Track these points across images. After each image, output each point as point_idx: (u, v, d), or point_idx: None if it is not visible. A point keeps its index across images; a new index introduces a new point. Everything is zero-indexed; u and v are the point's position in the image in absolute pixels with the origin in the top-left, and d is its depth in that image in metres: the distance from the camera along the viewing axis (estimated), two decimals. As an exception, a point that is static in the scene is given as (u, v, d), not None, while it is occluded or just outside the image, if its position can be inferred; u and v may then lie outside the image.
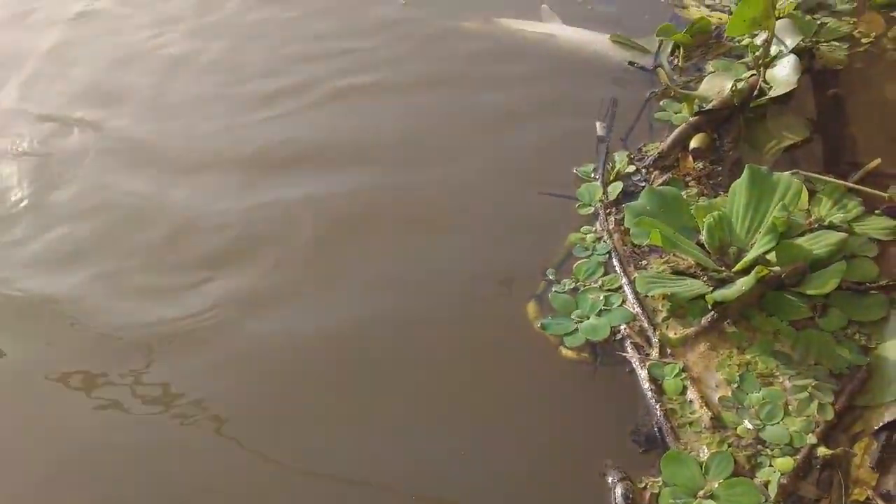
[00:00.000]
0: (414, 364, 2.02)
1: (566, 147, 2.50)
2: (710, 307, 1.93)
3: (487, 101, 2.74)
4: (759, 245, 1.96)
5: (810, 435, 1.71)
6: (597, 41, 2.83)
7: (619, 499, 1.66)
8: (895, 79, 2.50)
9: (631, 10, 2.98)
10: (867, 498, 1.62)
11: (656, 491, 1.68)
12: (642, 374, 1.88)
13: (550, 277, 2.14)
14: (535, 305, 2.10)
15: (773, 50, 2.52)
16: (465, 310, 2.12)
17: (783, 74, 2.47)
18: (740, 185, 2.09)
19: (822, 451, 1.69)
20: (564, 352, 1.98)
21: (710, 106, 2.42)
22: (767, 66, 2.48)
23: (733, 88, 2.41)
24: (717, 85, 2.48)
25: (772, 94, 2.43)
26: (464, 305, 2.13)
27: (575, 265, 2.15)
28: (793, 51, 2.51)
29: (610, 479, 1.70)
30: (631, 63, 2.73)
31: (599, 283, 2.10)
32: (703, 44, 2.73)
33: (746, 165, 2.10)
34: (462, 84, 2.84)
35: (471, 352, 2.03)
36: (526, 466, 1.79)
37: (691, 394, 1.81)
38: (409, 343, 2.06)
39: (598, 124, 2.53)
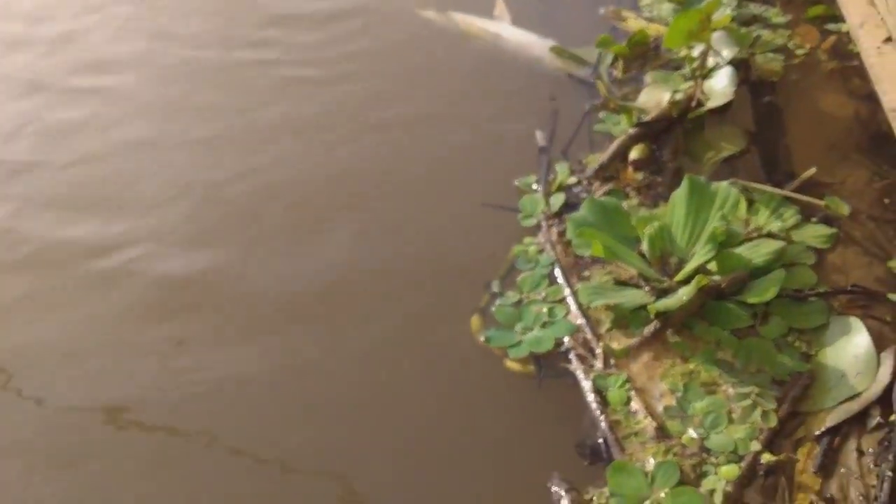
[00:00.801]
0: (356, 379, 2.00)
1: (507, 158, 2.50)
2: (652, 317, 1.95)
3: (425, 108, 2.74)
4: (700, 255, 1.99)
5: (754, 442, 1.73)
6: (540, 46, 2.86)
7: (565, 513, 1.66)
8: (830, 89, 2.56)
9: (570, 21, 3.01)
10: (811, 503, 1.65)
11: (603, 502, 1.68)
12: (587, 385, 1.89)
13: (494, 290, 2.14)
14: (479, 318, 2.10)
15: (710, 62, 2.57)
16: (408, 323, 2.11)
17: (720, 86, 2.52)
18: (680, 195, 2.12)
19: (766, 457, 1.71)
20: (509, 364, 1.99)
21: (648, 117, 2.45)
22: (705, 77, 2.53)
23: (671, 100, 2.45)
24: (655, 96, 2.52)
25: (709, 105, 2.47)
26: (406, 318, 2.12)
27: (519, 277, 2.16)
28: (729, 62, 2.56)
29: (556, 490, 1.70)
30: (570, 75, 2.76)
31: (543, 294, 2.11)
32: (642, 55, 2.77)
33: (685, 176, 2.13)
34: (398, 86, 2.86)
35: (414, 366, 2.03)
36: (471, 481, 1.78)
37: (635, 404, 1.82)
38: (350, 358, 2.04)
39: (538, 134, 2.55)
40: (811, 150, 2.39)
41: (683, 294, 1.88)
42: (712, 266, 2.00)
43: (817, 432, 1.76)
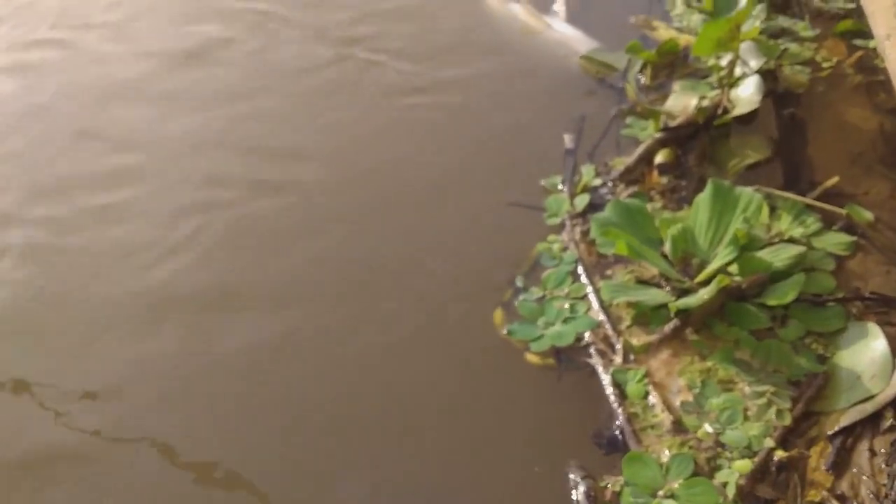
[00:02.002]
0: (382, 368, 2.07)
1: (535, 159, 2.58)
2: (672, 315, 2.01)
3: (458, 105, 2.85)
4: (721, 256, 2.05)
5: (768, 439, 1.79)
6: (587, 44, 2.95)
7: (581, 496, 1.72)
8: (855, 102, 2.62)
9: (601, 28, 3.09)
10: (822, 499, 1.70)
11: (618, 490, 1.74)
12: (606, 379, 1.95)
13: (518, 285, 2.21)
14: (502, 313, 2.17)
15: (738, 71, 2.63)
16: (434, 316, 2.18)
17: (746, 94, 2.58)
18: (704, 198, 2.19)
19: (779, 454, 1.77)
20: (530, 357, 2.05)
21: (675, 123, 2.52)
22: (731, 86, 2.59)
23: (698, 106, 2.52)
24: (682, 102, 2.59)
25: (735, 112, 2.54)
26: (432, 312, 2.19)
27: (543, 274, 2.23)
28: (756, 72, 2.63)
29: (573, 478, 1.76)
30: (600, 79, 2.83)
31: (566, 291, 2.18)
32: (670, 63, 2.84)
33: (710, 179, 2.19)
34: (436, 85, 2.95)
35: (438, 356, 2.09)
36: (491, 469, 1.85)
37: (653, 398, 1.89)
38: (377, 348, 2.11)
39: (566, 137, 2.62)
40: (835, 161, 2.45)
41: (704, 293, 1.94)
42: (733, 268, 2.07)
43: (831, 432, 1.81)
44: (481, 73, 2.97)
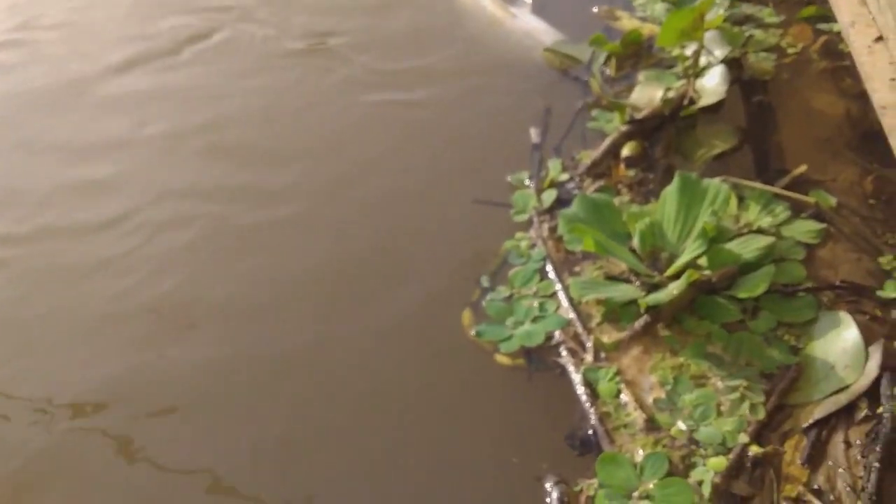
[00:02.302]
0: (346, 371, 2.03)
1: (500, 154, 2.54)
2: (643, 311, 1.98)
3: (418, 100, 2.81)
4: (690, 250, 2.03)
5: (742, 434, 1.77)
6: (551, 35, 2.92)
7: (554, 502, 1.69)
8: (821, 88, 2.61)
9: (563, 19, 3.05)
10: (798, 494, 1.68)
11: (592, 493, 1.72)
12: (577, 378, 1.92)
13: (485, 285, 2.18)
14: (471, 313, 2.14)
15: (703, 61, 2.61)
16: (401, 318, 2.14)
17: (712, 84, 2.56)
18: (671, 191, 2.16)
19: (754, 449, 1.75)
20: (500, 358, 2.02)
21: (641, 115, 2.49)
22: (697, 76, 2.57)
23: (664, 98, 2.49)
24: (647, 94, 2.57)
25: (701, 103, 2.52)
26: (399, 314, 2.15)
27: (511, 272, 2.19)
28: (722, 61, 2.61)
29: (546, 484, 1.73)
30: (564, 72, 2.80)
31: (534, 289, 2.14)
32: (635, 54, 2.81)
33: (676, 172, 2.17)
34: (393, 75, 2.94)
35: (406, 360, 2.06)
36: (462, 472, 1.82)
37: (625, 396, 1.86)
38: (341, 350, 2.07)
39: (532, 131, 2.59)
40: (803, 147, 2.43)
41: (674, 288, 1.91)
42: (703, 261, 2.04)
43: (805, 424, 1.79)
44: (447, 67, 2.94)
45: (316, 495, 1.81)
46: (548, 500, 1.72)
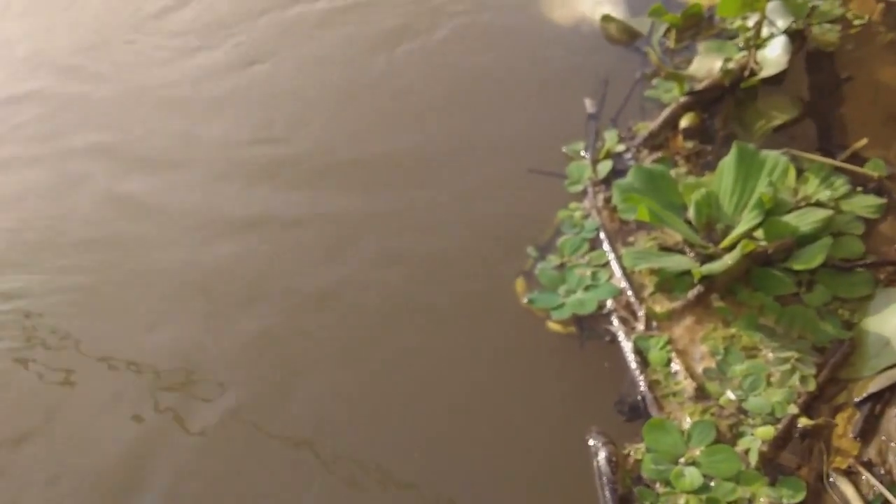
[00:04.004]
0: (407, 336, 2.10)
1: (556, 124, 2.57)
2: (696, 281, 2.01)
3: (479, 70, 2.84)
4: (746, 221, 2.04)
5: (792, 405, 1.79)
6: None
7: (601, 462, 1.73)
8: (886, 61, 2.57)
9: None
10: (849, 466, 1.70)
11: (639, 457, 1.75)
12: (628, 346, 1.95)
13: (538, 254, 2.21)
14: (523, 281, 2.17)
15: (765, 32, 2.59)
16: (455, 286, 2.20)
17: (774, 55, 2.55)
18: (728, 163, 2.17)
19: (803, 421, 1.77)
20: (551, 326, 2.06)
21: (700, 86, 2.50)
22: (758, 47, 2.56)
23: (724, 69, 2.49)
24: (707, 65, 2.56)
25: (762, 74, 2.51)
26: (453, 281, 2.20)
27: (559, 241, 2.23)
28: (784, 32, 2.59)
29: (593, 444, 1.77)
30: (622, 44, 2.81)
31: (587, 259, 2.18)
32: (695, 25, 2.80)
33: (734, 143, 2.17)
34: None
35: (459, 325, 2.11)
36: (512, 434, 1.87)
37: (676, 365, 1.89)
38: (401, 317, 2.13)
39: (587, 102, 2.61)
40: (866, 121, 2.41)
41: (729, 258, 1.93)
42: (759, 233, 2.05)
43: (858, 398, 1.80)
44: (505, 31, 2.94)
45: (378, 452, 1.87)
46: (595, 459, 1.76)
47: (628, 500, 1.72)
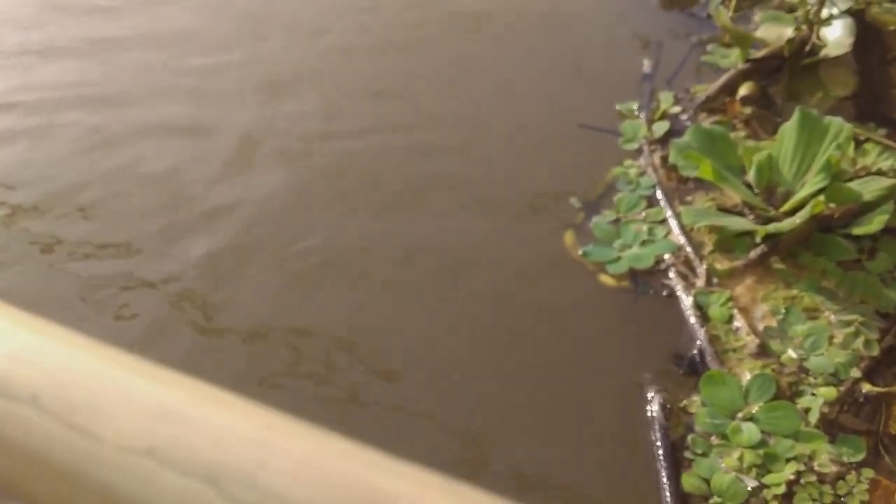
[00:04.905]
0: (457, 287, 2.05)
1: (609, 84, 2.54)
2: (759, 241, 1.98)
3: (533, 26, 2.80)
4: (811, 184, 2.02)
5: (854, 369, 1.76)
6: None
7: (656, 408, 1.70)
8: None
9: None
10: (907, 430, 1.68)
11: (694, 410, 1.72)
12: (687, 301, 1.93)
13: (591, 209, 2.18)
14: (573, 235, 2.14)
15: (824, 12, 2.56)
16: (506, 237, 2.16)
17: (836, 36, 2.52)
18: (790, 127, 2.15)
19: (866, 386, 1.74)
20: (604, 279, 2.03)
21: (761, 54, 2.47)
22: (821, 24, 2.53)
23: (789, 38, 2.46)
24: (775, 32, 2.53)
25: (824, 53, 2.48)
26: (504, 233, 2.17)
27: (616, 197, 2.20)
28: (845, 12, 2.56)
29: (649, 393, 1.75)
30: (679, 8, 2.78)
31: (643, 215, 2.15)
32: (755, -5, 2.77)
33: (798, 108, 2.15)
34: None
35: (510, 277, 2.07)
36: (564, 385, 1.84)
37: (738, 322, 1.87)
38: (452, 266, 2.10)
39: (644, 62, 2.58)
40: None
41: (798, 217, 1.91)
42: (822, 198, 2.02)
43: (921, 367, 1.78)
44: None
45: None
46: (649, 407, 1.73)
47: (681, 448, 1.68)
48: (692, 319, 1.90)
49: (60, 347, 0.41)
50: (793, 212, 2.01)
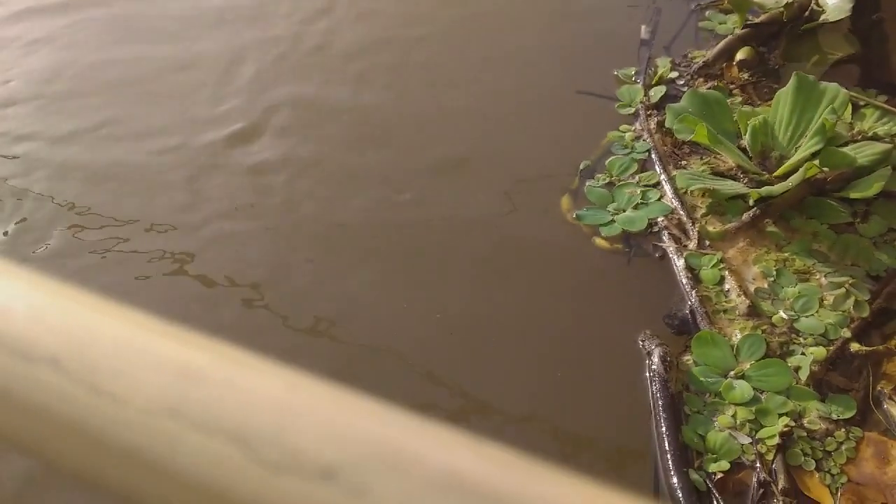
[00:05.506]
0: (455, 251, 2.06)
1: (606, 49, 2.53)
2: (752, 204, 1.98)
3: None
4: (805, 147, 2.02)
5: (844, 329, 1.78)
6: None
7: (656, 361, 1.72)
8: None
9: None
10: (894, 388, 1.69)
11: (686, 369, 1.73)
12: (679, 263, 1.94)
13: (586, 173, 2.18)
14: (569, 199, 2.14)
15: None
16: (501, 200, 2.17)
17: (836, 1, 2.50)
18: (786, 92, 2.14)
19: (855, 346, 1.75)
20: (598, 242, 2.04)
21: (760, 19, 2.46)
22: (820, -12, 2.52)
23: (788, 4, 2.44)
24: (770, -1, 2.52)
25: (823, 19, 2.47)
26: (499, 196, 2.17)
27: (608, 160, 2.20)
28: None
29: (647, 346, 1.76)
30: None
31: (637, 178, 2.16)
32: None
33: (794, 73, 2.14)
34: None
35: (505, 239, 2.08)
36: (560, 345, 1.85)
37: (728, 283, 1.88)
38: (447, 231, 2.11)
39: (642, 27, 2.57)
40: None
41: (791, 180, 1.91)
42: (815, 162, 2.02)
43: (910, 327, 1.79)
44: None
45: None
46: (648, 359, 1.74)
47: (678, 402, 1.70)
48: (684, 281, 1.91)
49: (80, 308, 0.41)
50: (786, 176, 2.02)
